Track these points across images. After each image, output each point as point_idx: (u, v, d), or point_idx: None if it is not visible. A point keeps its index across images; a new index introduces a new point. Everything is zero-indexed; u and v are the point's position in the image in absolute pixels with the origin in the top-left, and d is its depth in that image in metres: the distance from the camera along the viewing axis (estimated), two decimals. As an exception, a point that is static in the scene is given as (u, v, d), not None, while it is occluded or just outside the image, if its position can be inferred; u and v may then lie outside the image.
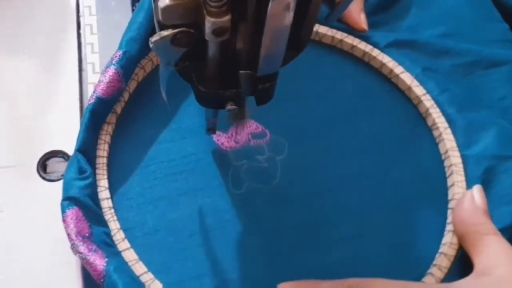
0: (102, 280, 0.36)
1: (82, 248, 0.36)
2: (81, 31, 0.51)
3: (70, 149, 0.43)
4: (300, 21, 0.29)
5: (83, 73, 0.49)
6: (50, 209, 0.39)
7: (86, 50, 0.49)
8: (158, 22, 0.27)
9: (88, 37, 0.50)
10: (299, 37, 0.30)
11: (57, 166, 0.44)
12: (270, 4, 0.25)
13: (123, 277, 0.36)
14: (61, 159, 0.44)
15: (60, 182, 0.40)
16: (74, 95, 0.47)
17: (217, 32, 0.26)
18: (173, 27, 0.27)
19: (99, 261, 0.36)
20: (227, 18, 0.26)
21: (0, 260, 0.39)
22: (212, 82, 0.31)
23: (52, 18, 0.51)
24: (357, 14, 0.48)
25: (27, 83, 0.48)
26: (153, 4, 0.28)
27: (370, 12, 0.51)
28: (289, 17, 0.26)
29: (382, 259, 0.41)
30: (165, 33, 0.27)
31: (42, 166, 0.43)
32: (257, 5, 0.26)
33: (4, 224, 0.41)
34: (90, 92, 0.47)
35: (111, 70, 0.42)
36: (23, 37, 0.50)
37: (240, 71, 0.30)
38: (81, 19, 0.51)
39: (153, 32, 0.45)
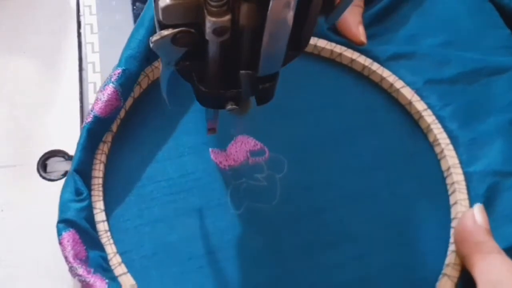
0: None
1: (81, 270, 0.35)
2: (82, 31, 0.51)
3: (70, 149, 0.43)
4: (301, 21, 0.29)
5: (84, 73, 0.49)
6: (50, 208, 0.39)
7: (87, 49, 0.49)
8: (159, 21, 0.27)
9: (89, 37, 0.50)
10: (299, 38, 0.30)
11: (57, 166, 0.44)
12: (270, 4, 0.25)
13: None
14: (61, 159, 0.44)
15: (61, 182, 0.40)
16: (74, 95, 0.47)
17: (217, 31, 0.26)
18: (174, 26, 0.27)
19: (99, 283, 0.35)
20: (227, 17, 0.26)
21: (0, 260, 0.39)
22: (213, 82, 0.31)
23: (53, 17, 0.51)
24: (355, 27, 0.48)
25: (27, 83, 0.48)
26: (153, 3, 0.27)
27: (368, 24, 0.50)
28: (289, 17, 0.26)
29: (385, 280, 0.40)
30: (165, 32, 0.27)
31: (42, 165, 0.43)
32: (257, 5, 0.26)
33: (4, 224, 0.41)
34: (90, 92, 0.47)
35: (110, 89, 0.41)
36: (24, 37, 0.50)
37: (241, 71, 0.30)
38: (82, 18, 0.51)
39: (151, 50, 0.45)
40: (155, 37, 0.27)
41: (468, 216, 0.39)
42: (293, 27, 0.27)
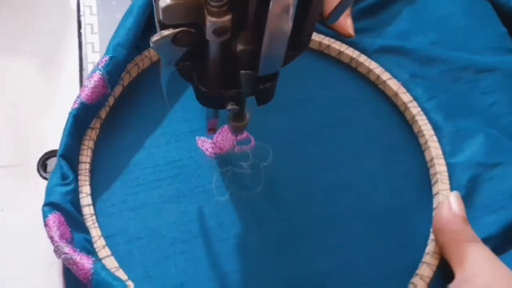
0: (89, 278, 0.35)
1: (67, 249, 0.36)
2: (82, 31, 0.51)
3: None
4: (301, 21, 0.29)
5: (84, 73, 0.49)
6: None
7: (87, 49, 0.50)
8: (159, 21, 0.27)
9: (89, 37, 0.50)
10: (300, 38, 0.30)
11: (57, 166, 0.44)
12: (271, 4, 0.25)
13: (112, 275, 0.36)
14: (61, 159, 0.44)
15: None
16: (74, 95, 0.46)
17: (218, 32, 0.26)
18: (174, 26, 0.27)
19: (86, 260, 0.36)
20: (227, 18, 0.26)
21: (0, 260, 0.40)
22: (213, 82, 0.31)
23: (53, 17, 0.52)
24: (343, 19, 0.48)
25: (27, 83, 0.48)
26: (154, 3, 0.28)
27: (359, 17, 0.51)
28: (289, 18, 0.26)
29: (366, 269, 0.40)
30: (166, 32, 0.27)
31: (43, 165, 0.44)
32: (257, 5, 0.26)
33: (4, 224, 0.41)
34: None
35: (97, 76, 0.42)
36: (24, 37, 0.50)
37: (241, 71, 0.30)
38: (82, 18, 0.52)
39: (140, 38, 0.46)
40: (155, 37, 0.27)
41: (445, 204, 0.39)
42: (293, 27, 0.27)
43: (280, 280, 0.39)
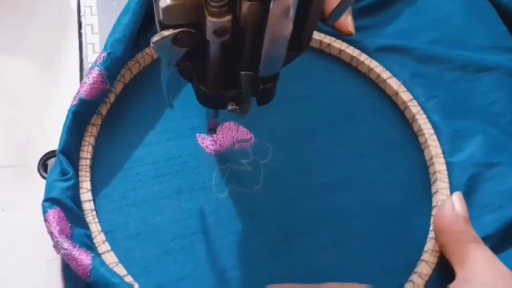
0: (88, 274, 0.36)
1: (67, 244, 0.36)
2: (82, 31, 0.51)
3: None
4: (302, 22, 0.29)
5: (84, 73, 0.49)
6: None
7: (87, 50, 0.50)
8: (159, 22, 0.27)
9: (89, 37, 0.51)
10: (300, 38, 0.30)
11: (57, 166, 0.44)
12: (271, 6, 0.25)
13: (111, 270, 0.36)
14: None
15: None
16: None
17: (218, 32, 0.27)
18: (174, 27, 0.27)
19: (85, 256, 0.36)
20: (228, 18, 0.26)
21: (0, 260, 0.40)
22: (214, 82, 0.32)
23: (53, 18, 0.52)
24: (343, 17, 0.48)
25: (28, 83, 0.48)
26: (154, 4, 0.28)
27: (360, 15, 0.51)
28: (290, 20, 0.26)
29: (365, 266, 0.40)
30: (166, 33, 0.27)
31: (43, 165, 0.44)
32: (258, 6, 0.26)
33: (4, 224, 0.41)
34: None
35: (95, 72, 0.42)
36: (24, 37, 0.50)
37: (242, 72, 0.30)
38: (82, 19, 0.52)
39: (141, 35, 0.46)
40: (155, 38, 0.27)
41: (447, 204, 0.39)
42: (294, 28, 0.27)
43: (278, 276, 0.39)
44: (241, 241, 0.41)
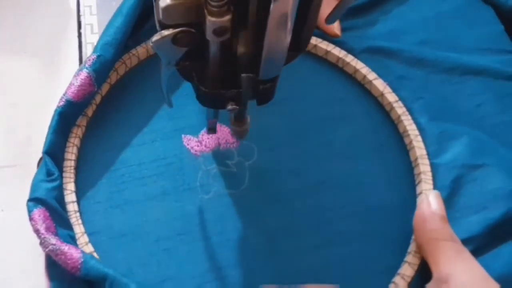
0: (79, 267, 0.36)
1: (54, 240, 0.36)
2: (82, 31, 0.51)
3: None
4: (301, 23, 0.29)
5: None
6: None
7: (87, 49, 0.50)
8: (159, 21, 0.27)
9: (89, 37, 0.51)
10: (299, 39, 0.30)
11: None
12: (271, 6, 0.25)
13: (100, 263, 0.36)
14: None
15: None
16: None
17: (217, 31, 0.27)
18: (174, 26, 0.27)
19: (74, 250, 0.36)
20: (227, 17, 0.26)
21: (0, 260, 0.40)
22: (213, 82, 0.31)
23: (53, 18, 0.52)
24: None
25: (27, 83, 0.48)
26: (154, 3, 0.28)
27: (348, 16, 0.51)
28: (289, 23, 0.26)
29: (350, 267, 0.41)
30: (166, 32, 0.27)
31: None
32: (258, 6, 0.26)
33: (4, 224, 0.41)
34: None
35: (83, 74, 0.42)
36: (24, 37, 0.51)
37: (242, 75, 0.30)
38: (82, 18, 0.52)
39: (129, 38, 0.46)
40: (155, 37, 0.27)
41: (424, 203, 0.39)
42: (293, 28, 0.27)
43: (264, 277, 0.40)
44: (225, 242, 0.41)
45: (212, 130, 0.41)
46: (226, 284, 0.39)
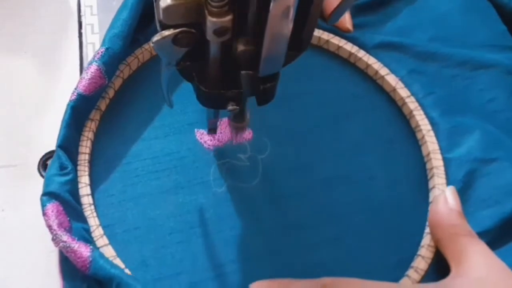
0: (87, 266, 0.36)
1: (66, 237, 0.36)
2: (83, 31, 0.51)
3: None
4: (302, 22, 0.29)
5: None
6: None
7: (88, 49, 0.50)
8: (160, 21, 0.27)
9: (90, 37, 0.51)
10: (300, 38, 0.30)
11: (58, 166, 0.44)
12: (271, 5, 0.25)
13: (110, 262, 0.36)
14: (62, 159, 0.44)
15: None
16: None
17: (218, 32, 0.27)
18: (175, 27, 0.27)
19: (84, 248, 0.36)
20: (228, 18, 0.26)
21: (0, 260, 0.40)
22: (213, 82, 0.31)
23: (54, 17, 0.52)
24: (342, 14, 0.48)
25: (28, 83, 0.48)
26: (154, 4, 0.28)
27: (359, 12, 0.51)
28: (289, 20, 0.26)
29: (362, 261, 0.41)
30: (166, 33, 0.27)
31: (43, 165, 0.43)
32: (258, 6, 0.26)
33: (4, 224, 0.41)
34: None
35: (93, 67, 0.42)
36: (25, 37, 0.50)
37: (242, 72, 0.30)
38: (83, 18, 0.52)
39: (136, 29, 0.46)
40: (156, 37, 0.27)
41: (441, 199, 0.40)
42: (294, 28, 0.27)
43: (276, 271, 0.40)
44: (239, 236, 0.41)
45: (212, 130, 0.41)
46: (239, 277, 0.39)
